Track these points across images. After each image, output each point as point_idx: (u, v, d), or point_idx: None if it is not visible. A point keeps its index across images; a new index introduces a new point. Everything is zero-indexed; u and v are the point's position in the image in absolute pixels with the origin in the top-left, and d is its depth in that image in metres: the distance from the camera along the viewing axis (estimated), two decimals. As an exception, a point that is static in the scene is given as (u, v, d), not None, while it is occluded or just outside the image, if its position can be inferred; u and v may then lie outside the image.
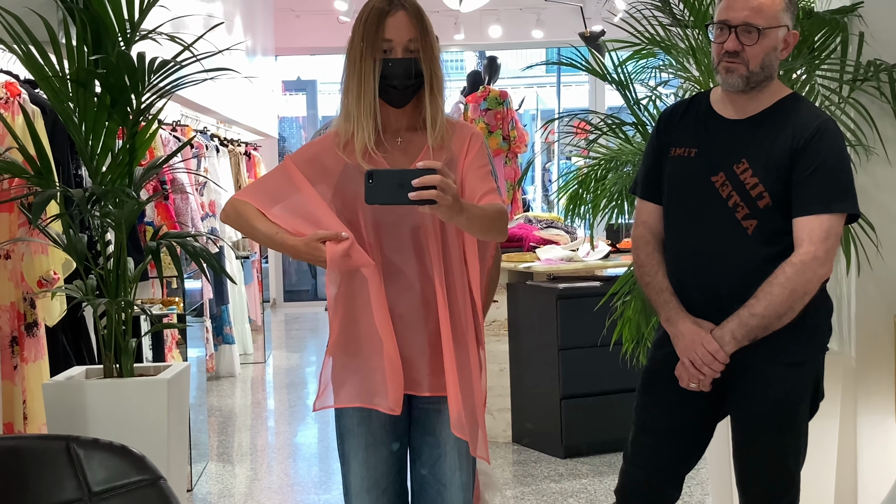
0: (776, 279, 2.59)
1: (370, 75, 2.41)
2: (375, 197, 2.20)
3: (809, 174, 2.62)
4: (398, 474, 2.62)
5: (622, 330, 3.89)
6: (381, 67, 2.41)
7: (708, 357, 2.64)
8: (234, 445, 6.21)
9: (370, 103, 2.42)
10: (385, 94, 2.44)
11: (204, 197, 7.04)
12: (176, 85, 3.62)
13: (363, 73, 2.41)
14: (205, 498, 5.03)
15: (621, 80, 3.79)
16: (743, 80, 2.66)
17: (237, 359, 8.25)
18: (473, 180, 2.46)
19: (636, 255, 2.90)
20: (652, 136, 2.94)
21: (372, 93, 2.42)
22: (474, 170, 2.48)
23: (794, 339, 2.66)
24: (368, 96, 2.42)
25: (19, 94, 4.02)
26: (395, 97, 2.45)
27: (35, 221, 3.37)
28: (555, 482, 5.06)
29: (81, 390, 3.47)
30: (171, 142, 6.10)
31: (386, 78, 2.42)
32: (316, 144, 2.53)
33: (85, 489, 3.05)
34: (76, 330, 4.45)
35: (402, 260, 2.48)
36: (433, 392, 2.51)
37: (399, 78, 2.42)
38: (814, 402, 2.76)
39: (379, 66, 2.41)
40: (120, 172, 3.59)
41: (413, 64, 2.42)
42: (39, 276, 4.04)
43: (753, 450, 2.74)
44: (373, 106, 2.42)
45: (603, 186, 3.90)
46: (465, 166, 2.48)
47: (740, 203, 2.67)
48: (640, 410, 2.88)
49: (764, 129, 2.70)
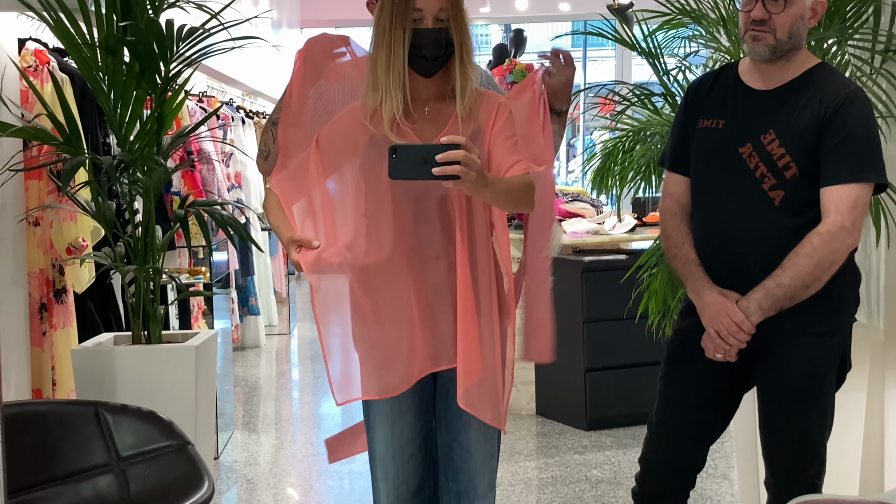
0: (803, 249, 2.57)
1: (400, 45, 2.40)
2: (399, 172, 2.19)
3: (837, 144, 2.60)
4: (423, 442, 2.63)
5: (648, 302, 3.88)
6: (411, 37, 2.40)
7: (734, 327, 2.63)
8: (260, 415, 6.26)
9: (399, 73, 2.41)
10: (415, 63, 2.43)
11: (230, 168, 7.06)
12: (204, 53, 3.63)
13: (393, 43, 2.40)
14: (231, 465, 5.07)
15: (651, 50, 3.76)
16: (770, 49, 2.64)
17: (262, 330, 8.29)
18: (501, 151, 2.45)
19: (663, 227, 2.89)
20: (680, 107, 2.92)
21: (401, 62, 2.41)
22: (502, 140, 2.46)
23: (821, 310, 2.65)
24: (398, 66, 2.41)
25: (48, 61, 4.05)
26: (425, 67, 2.44)
27: (64, 188, 3.39)
28: (579, 454, 5.07)
29: (110, 356, 3.51)
30: (198, 113, 6.12)
31: (416, 48, 2.41)
32: (343, 119, 2.52)
33: (113, 454, 3.08)
34: (104, 297, 4.48)
35: (428, 231, 2.49)
36: (455, 364, 2.52)
37: (429, 48, 2.41)
38: (841, 373, 2.75)
39: (409, 36, 2.40)
40: (148, 140, 3.60)
41: (444, 34, 2.41)
42: (68, 244, 4.07)
43: (779, 421, 2.73)
44: (402, 76, 2.42)
45: (630, 158, 3.88)
46: (493, 136, 2.47)
47: (767, 174, 2.66)
48: (665, 381, 2.88)
49: (791, 99, 2.68)
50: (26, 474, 2.94)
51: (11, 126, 3.47)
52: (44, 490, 2.94)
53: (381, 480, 2.62)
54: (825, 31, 3.41)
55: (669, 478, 2.88)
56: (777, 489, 2.75)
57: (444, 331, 2.50)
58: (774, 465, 2.77)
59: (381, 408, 2.58)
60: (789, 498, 2.61)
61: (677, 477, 2.88)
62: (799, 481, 2.71)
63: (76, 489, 2.98)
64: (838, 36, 3.47)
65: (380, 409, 2.58)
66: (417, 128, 2.46)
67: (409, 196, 2.46)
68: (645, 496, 2.93)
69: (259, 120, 8.53)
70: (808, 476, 2.72)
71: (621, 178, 3.94)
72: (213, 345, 3.83)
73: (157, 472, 3.04)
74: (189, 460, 3.06)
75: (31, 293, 4.10)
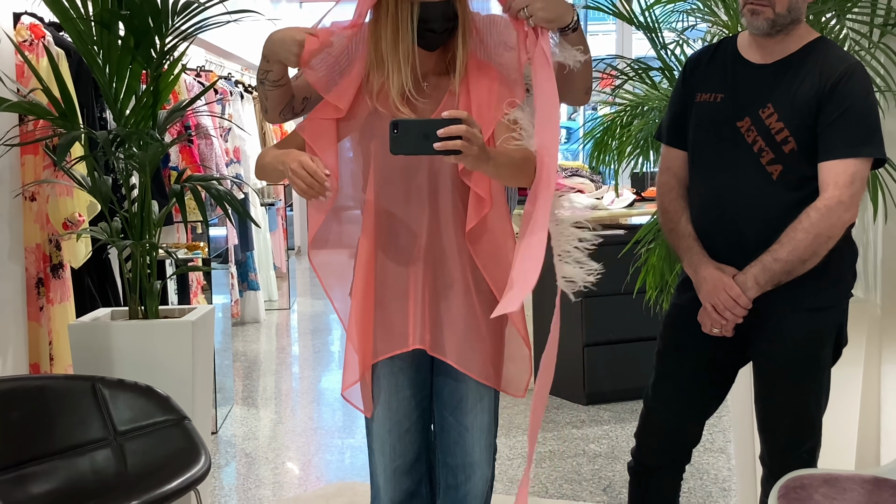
0: (800, 224, 2.57)
1: (407, 19, 2.37)
2: (400, 147, 2.17)
3: (835, 118, 2.58)
4: (420, 416, 2.63)
5: (646, 277, 3.88)
6: (419, 11, 2.38)
7: (730, 302, 2.63)
8: (259, 390, 6.27)
9: (408, 47, 2.39)
10: (422, 37, 2.41)
11: (228, 143, 7.04)
12: (200, 27, 3.61)
13: (400, 18, 2.38)
14: (229, 440, 5.09)
15: (648, 24, 3.74)
16: (769, 23, 2.62)
17: (262, 305, 8.30)
18: (500, 125, 2.44)
19: (660, 202, 2.88)
20: (678, 81, 2.91)
21: (410, 37, 2.38)
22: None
23: (818, 285, 2.64)
24: (406, 40, 2.38)
25: (44, 36, 4.03)
26: (432, 41, 2.42)
27: (60, 163, 3.38)
28: (577, 428, 5.08)
29: (107, 331, 3.51)
30: (196, 87, 6.09)
31: (424, 21, 2.38)
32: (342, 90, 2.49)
33: (110, 428, 3.09)
34: (101, 272, 4.48)
35: (418, 207, 2.48)
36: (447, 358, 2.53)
37: (438, 21, 2.38)
38: (836, 348, 2.75)
39: (417, 10, 2.37)
40: (144, 115, 3.59)
41: (450, 6, 2.39)
42: (65, 218, 4.07)
43: (775, 395, 2.73)
44: (411, 51, 2.40)
45: (628, 133, 3.87)
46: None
47: (765, 148, 2.64)
48: (661, 355, 2.88)
49: (790, 73, 2.66)
50: (23, 449, 2.95)
51: (7, 101, 3.45)
52: (41, 464, 2.94)
53: (378, 454, 2.63)
54: (823, 4, 3.39)
55: (665, 452, 2.89)
56: (772, 464, 2.75)
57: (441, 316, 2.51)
58: (770, 439, 2.77)
59: (379, 382, 2.58)
60: (784, 472, 2.62)
61: (673, 451, 2.89)
62: (794, 456, 2.71)
63: (73, 463, 2.99)
64: (837, 10, 3.45)
65: (376, 383, 2.58)
66: (417, 103, 2.45)
67: (397, 170, 2.46)
68: (641, 470, 2.94)
69: (257, 95, 8.51)
70: (804, 451, 2.72)
71: (619, 152, 3.93)
72: (210, 320, 3.83)
73: (154, 446, 3.04)
74: (186, 435, 3.06)
75: (27, 268, 4.09)
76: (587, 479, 4.39)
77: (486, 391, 2.57)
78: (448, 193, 2.47)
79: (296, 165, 2.28)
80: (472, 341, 2.51)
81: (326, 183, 2.29)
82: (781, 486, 2.53)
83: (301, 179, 2.27)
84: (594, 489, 4.29)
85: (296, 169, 2.28)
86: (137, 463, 3.01)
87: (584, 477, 4.42)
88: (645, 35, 3.77)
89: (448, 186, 2.47)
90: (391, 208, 2.49)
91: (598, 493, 4.24)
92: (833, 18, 3.49)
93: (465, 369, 2.51)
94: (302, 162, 2.28)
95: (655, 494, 2.95)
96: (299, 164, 2.28)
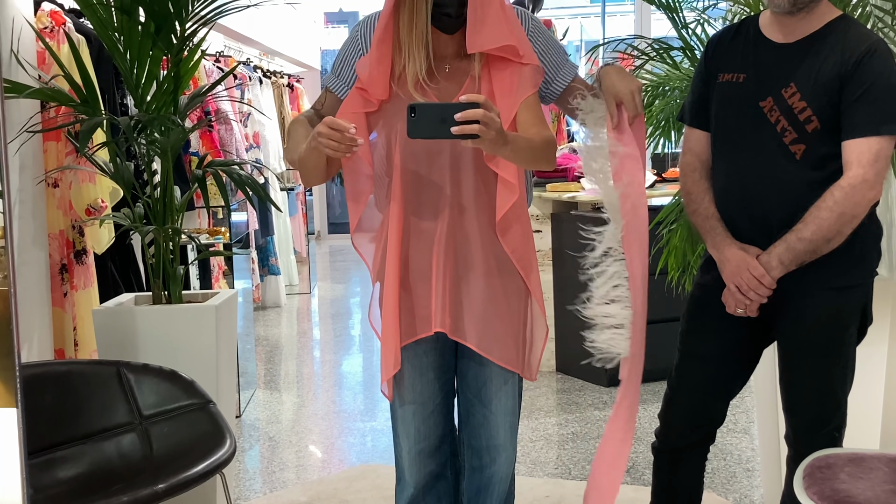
0: (824, 203, 2.55)
1: (422, 3, 2.38)
2: (418, 131, 2.17)
3: (859, 96, 2.57)
4: (445, 399, 2.64)
5: (668, 258, 3.87)
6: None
7: (754, 282, 2.62)
8: (281, 374, 6.29)
9: (422, 32, 2.39)
10: (438, 21, 2.41)
11: (248, 128, 7.06)
12: (219, 12, 3.61)
13: (416, 2, 2.38)
14: (253, 423, 5.11)
15: (669, 3, 3.72)
16: (790, 2, 2.60)
17: (283, 290, 8.33)
18: (525, 109, 2.44)
19: (683, 183, 2.87)
20: (700, 62, 2.89)
21: (424, 21, 2.38)
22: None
23: (843, 264, 2.63)
24: (420, 25, 2.39)
25: (64, 22, 4.04)
26: (449, 24, 2.42)
27: (82, 149, 3.39)
28: (598, 410, 5.08)
29: (131, 316, 3.52)
30: (215, 72, 6.11)
31: (439, 5, 2.38)
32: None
33: (136, 412, 3.11)
34: (124, 258, 4.50)
35: (440, 190, 2.48)
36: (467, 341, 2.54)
37: (453, 5, 2.38)
38: (862, 326, 2.74)
39: None
40: (165, 100, 3.60)
41: None
42: (87, 205, 4.08)
43: (800, 374, 2.72)
44: (425, 35, 2.40)
45: (649, 113, 3.85)
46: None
47: (788, 128, 2.63)
48: (685, 335, 2.87)
49: (812, 52, 2.64)
50: (50, 433, 2.97)
51: (28, 87, 3.46)
52: (67, 449, 2.97)
53: (403, 437, 2.64)
54: (846, -19, 3.36)
55: (689, 433, 2.88)
56: (798, 443, 2.74)
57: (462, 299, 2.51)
58: (795, 419, 2.76)
59: (402, 366, 2.58)
60: (810, 452, 2.61)
61: (697, 432, 2.89)
62: (819, 435, 2.70)
63: (100, 448, 3.01)
64: (860, -14, 3.42)
65: (401, 367, 2.59)
66: (437, 86, 2.45)
67: (420, 154, 2.46)
68: (665, 451, 2.94)
69: (276, 79, 8.51)
70: (829, 430, 2.72)
71: (640, 133, 3.91)
72: (233, 304, 3.85)
73: (179, 430, 3.06)
74: (211, 418, 3.08)
75: (51, 254, 4.11)
76: (610, 461, 4.39)
77: (510, 373, 2.58)
78: (470, 176, 2.47)
79: (322, 128, 2.28)
80: (492, 325, 2.51)
81: (357, 139, 2.29)
82: (807, 466, 2.53)
83: (330, 137, 2.27)
84: (617, 470, 4.28)
85: (323, 131, 2.28)
86: (163, 447, 3.03)
87: (606, 458, 4.42)
88: (665, 14, 3.74)
89: (470, 169, 2.47)
90: (415, 192, 2.49)
91: (621, 475, 4.23)
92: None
93: (486, 353, 2.51)
94: (327, 121, 2.28)
95: (680, 475, 2.95)
96: (324, 124, 2.28)
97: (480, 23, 2.38)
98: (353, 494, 4.09)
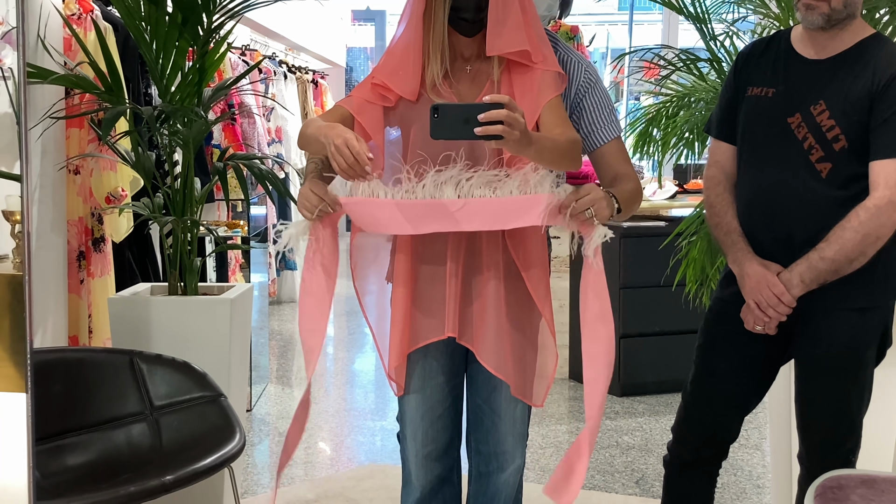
0: (849, 223, 2.53)
1: (440, 7, 2.37)
2: (441, 132, 2.14)
3: (888, 117, 2.54)
4: (454, 402, 2.62)
5: (686, 270, 3.85)
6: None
7: (774, 300, 2.59)
8: (294, 369, 6.29)
9: (440, 34, 2.39)
10: (457, 24, 2.40)
11: (271, 123, 7.06)
12: (246, 5, 3.61)
13: (435, 6, 2.38)
14: (263, 418, 5.11)
15: (698, 14, 3.69)
16: (824, 18, 2.58)
17: (298, 285, 8.31)
18: (549, 111, 2.42)
19: (707, 195, 2.85)
20: (729, 74, 2.87)
21: (441, 25, 2.38)
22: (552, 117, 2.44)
23: (864, 284, 2.60)
24: (438, 28, 2.38)
25: (92, 10, 4.05)
26: (467, 28, 2.41)
27: (104, 137, 3.39)
28: (611, 419, 5.06)
29: (146, 306, 3.52)
30: (240, 66, 6.11)
31: (456, 10, 2.38)
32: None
33: (147, 402, 3.11)
34: (142, 247, 4.51)
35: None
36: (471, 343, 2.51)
37: (470, 10, 2.37)
38: (881, 348, 2.71)
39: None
40: (189, 92, 3.60)
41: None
42: (107, 193, 4.09)
43: (816, 394, 2.69)
44: (442, 38, 2.39)
45: (674, 124, 3.83)
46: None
47: (815, 145, 2.60)
48: (702, 350, 2.85)
49: (844, 70, 2.62)
50: (60, 420, 2.97)
51: (53, 73, 3.47)
52: (77, 436, 2.97)
53: (410, 439, 2.62)
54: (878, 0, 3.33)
55: (702, 447, 2.86)
56: (811, 463, 2.72)
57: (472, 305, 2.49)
58: (809, 438, 2.74)
59: (412, 368, 2.57)
60: (823, 472, 2.58)
61: (710, 447, 2.86)
62: (833, 456, 2.68)
63: (109, 436, 3.01)
64: (891, 4, 3.39)
65: (410, 368, 2.57)
66: (457, 88, 2.44)
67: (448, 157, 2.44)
68: (677, 464, 2.91)
69: (301, 75, 8.51)
70: (843, 451, 2.69)
71: (663, 143, 3.89)
72: (248, 298, 3.84)
73: (189, 422, 3.06)
74: (221, 411, 3.07)
75: (69, 241, 4.12)
76: (620, 471, 4.37)
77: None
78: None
79: (340, 142, 2.22)
80: (500, 337, 2.47)
81: (367, 167, 2.23)
82: (818, 486, 2.50)
83: (343, 158, 2.22)
84: (626, 481, 4.27)
85: (339, 146, 2.21)
86: (172, 438, 3.02)
87: (616, 469, 4.40)
88: (693, 25, 3.72)
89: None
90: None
91: (630, 486, 4.22)
92: (887, 14, 3.43)
93: (503, 376, 2.48)
94: (347, 139, 2.21)
95: (690, 489, 2.92)
96: (344, 141, 2.21)
97: (500, 25, 2.36)
98: (361, 493, 4.08)
